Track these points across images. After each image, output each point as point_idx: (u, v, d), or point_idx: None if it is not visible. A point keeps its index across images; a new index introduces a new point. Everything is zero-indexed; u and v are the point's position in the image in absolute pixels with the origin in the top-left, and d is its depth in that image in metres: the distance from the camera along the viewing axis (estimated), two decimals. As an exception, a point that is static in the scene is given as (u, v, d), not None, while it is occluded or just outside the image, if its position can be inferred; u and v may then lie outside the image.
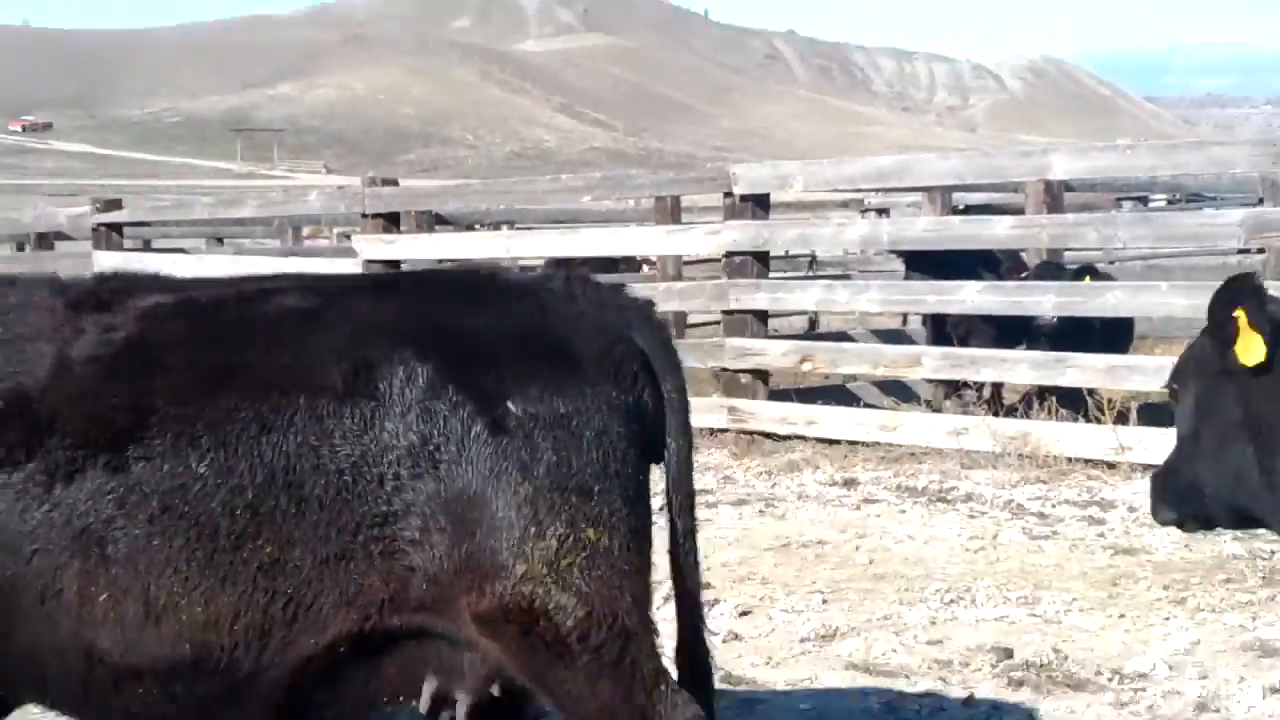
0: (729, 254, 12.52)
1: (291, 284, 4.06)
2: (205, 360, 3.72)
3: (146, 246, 18.05)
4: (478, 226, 19.98)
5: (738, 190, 12.43)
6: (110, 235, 16.19)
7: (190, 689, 3.69)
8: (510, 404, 3.60)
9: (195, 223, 22.26)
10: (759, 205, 12.48)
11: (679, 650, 3.94)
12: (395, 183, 16.37)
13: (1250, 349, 4.12)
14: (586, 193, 18.04)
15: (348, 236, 21.23)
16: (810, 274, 20.10)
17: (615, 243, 15.59)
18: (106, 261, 15.34)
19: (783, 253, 18.48)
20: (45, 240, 18.67)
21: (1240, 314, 4.13)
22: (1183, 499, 4.62)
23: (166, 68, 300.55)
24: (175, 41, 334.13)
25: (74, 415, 3.64)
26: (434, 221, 15.25)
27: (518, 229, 19.59)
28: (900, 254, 13.30)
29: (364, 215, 14.58)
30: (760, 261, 12.62)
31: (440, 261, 15.81)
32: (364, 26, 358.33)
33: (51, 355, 3.72)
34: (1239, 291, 4.21)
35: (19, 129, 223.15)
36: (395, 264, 14.08)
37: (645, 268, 20.43)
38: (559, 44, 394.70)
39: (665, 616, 3.93)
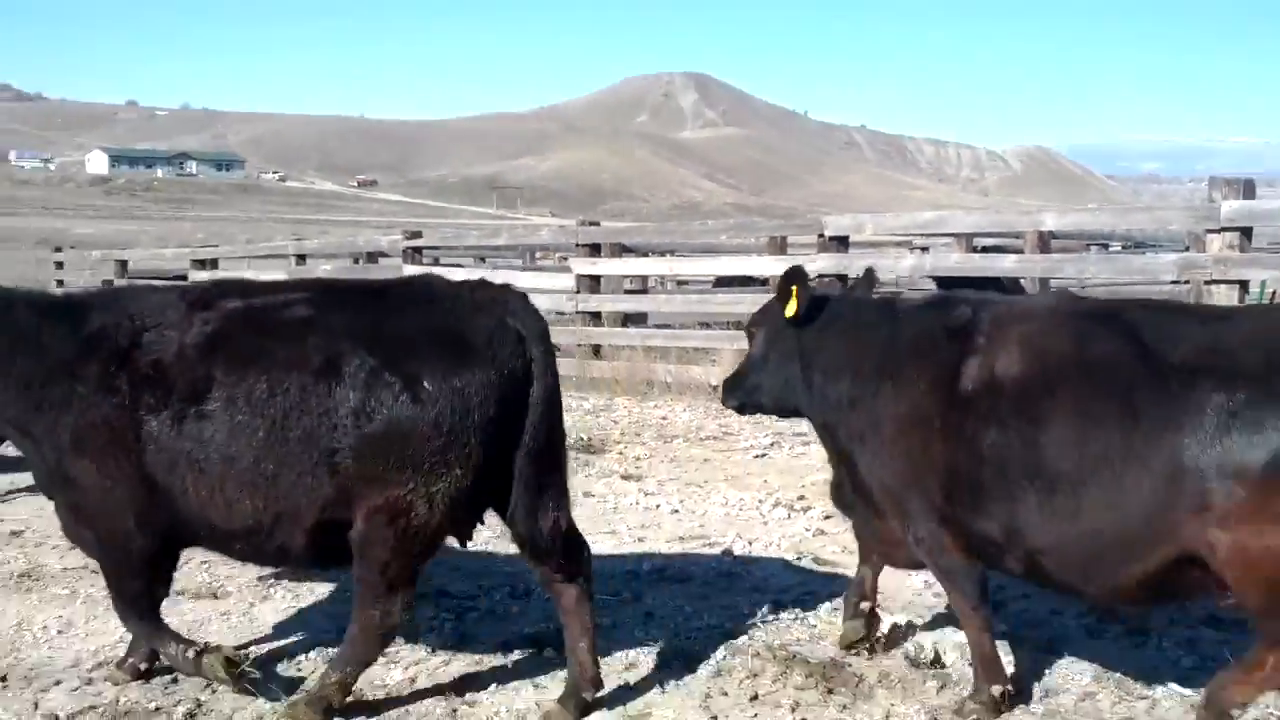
0: (819, 276, 12.76)
1: (303, 299, 4.24)
2: (246, 346, 4.08)
3: (435, 263, 18.61)
4: (650, 254, 20.48)
5: (827, 233, 12.62)
6: (413, 255, 16.74)
7: (245, 536, 4.16)
8: (425, 381, 3.94)
9: (468, 248, 23.11)
10: (841, 244, 12.55)
11: (531, 521, 4.16)
12: (597, 224, 16.90)
13: (790, 308, 4.68)
14: (724, 233, 18.81)
15: (565, 258, 22.08)
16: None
17: (743, 267, 15.85)
18: (410, 272, 16.18)
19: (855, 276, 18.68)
20: (372, 257, 19.30)
21: (794, 288, 4.68)
22: (747, 394, 5.05)
23: (449, 145, 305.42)
24: (454, 128, 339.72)
25: (183, 379, 4.05)
26: (622, 250, 15.64)
27: (677, 256, 20.14)
28: (936, 279, 13.65)
29: (577, 244, 14.94)
30: (841, 282, 12.86)
31: (626, 276, 16.48)
32: (578, 120, 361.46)
33: (176, 340, 4.12)
34: (795, 274, 4.73)
35: (355, 184, 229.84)
36: (596, 279, 14.49)
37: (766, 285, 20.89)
38: (706, 133, 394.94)
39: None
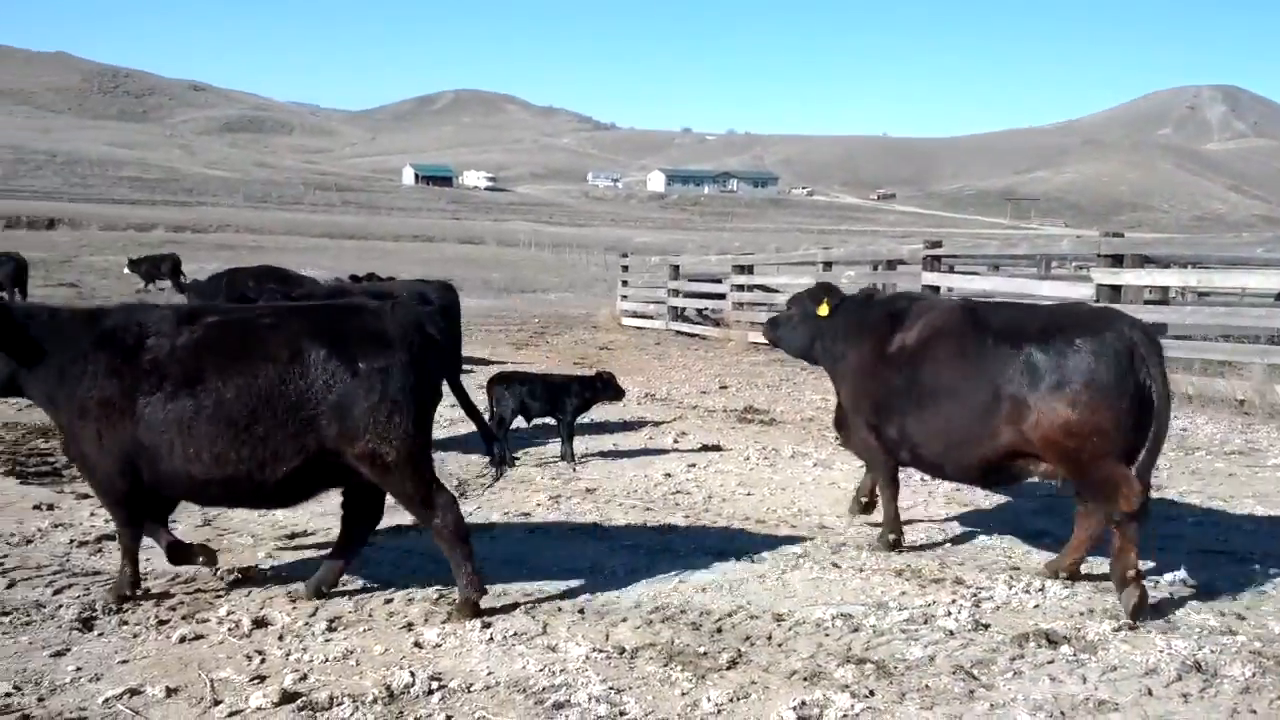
0: None
1: (268, 312, 5.28)
2: (229, 347, 5.00)
3: (951, 270, 18.28)
4: (1172, 265, 18.92)
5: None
6: (932, 262, 16.62)
7: (238, 486, 5.00)
8: (360, 364, 4.91)
9: (985, 256, 22.56)
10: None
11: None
12: (1121, 235, 15.90)
13: (823, 309, 6.80)
14: (1259, 246, 16.80)
15: (1080, 268, 20.84)
16: None
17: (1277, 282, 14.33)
18: (930, 279, 16.04)
19: None
20: (891, 265, 19.39)
21: (826, 298, 6.84)
22: (779, 337, 7.32)
23: (965, 159, 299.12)
24: (971, 143, 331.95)
25: (175, 371, 4.94)
26: (1144, 261, 14.67)
27: (1198, 268, 18.43)
28: None
29: (1098, 255, 14.19)
30: None
31: (1145, 287, 15.30)
32: (1097, 134, 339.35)
33: (169, 344, 5.02)
34: (827, 288, 6.98)
35: (875, 197, 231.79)
36: (1116, 289, 13.62)
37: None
38: (1233, 145, 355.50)
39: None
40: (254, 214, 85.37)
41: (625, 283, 26.80)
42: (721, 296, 21.97)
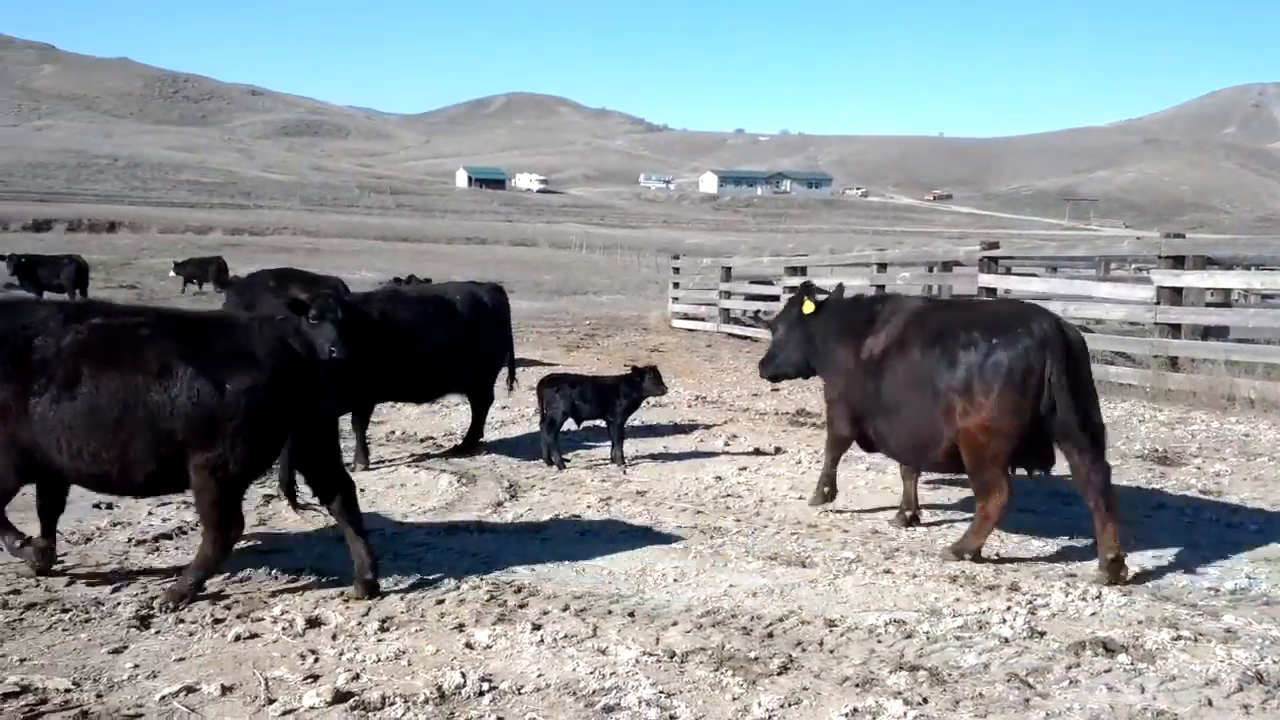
0: None
1: (152, 321, 5.39)
2: (106, 351, 5.19)
3: (1008, 272, 18.03)
4: (1236, 267, 18.56)
5: None
6: (989, 264, 16.40)
7: (109, 473, 5.21)
8: (228, 384, 5.10)
9: (1043, 258, 22.28)
10: None
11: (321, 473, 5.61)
12: (1183, 236, 15.60)
13: (808, 307, 7.32)
14: (1327, 246, 16.42)
15: (1141, 270, 20.53)
16: None
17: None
18: (986, 281, 15.85)
19: None
20: (947, 266, 19.20)
21: (805, 296, 7.38)
22: (776, 368, 7.76)
23: (1023, 159, 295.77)
24: (1028, 143, 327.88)
25: (60, 370, 5.15)
26: (1206, 262, 14.39)
27: (1262, 270, 18.07)
28: None
29: (1159, 256, 13.94)
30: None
31: (1208, 290, 15.00)
32: (1158, 134, 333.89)
33: (55, 343, 5.22)
34: (807, 287, 7.51)
35: (931, 198, 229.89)
36: (1177, 291, 13.39)
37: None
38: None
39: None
40: (310, 217, 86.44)
41: (677, 284, 26.78)
42: (774, 298, 21.89)
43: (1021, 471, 6.15)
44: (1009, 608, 5.35)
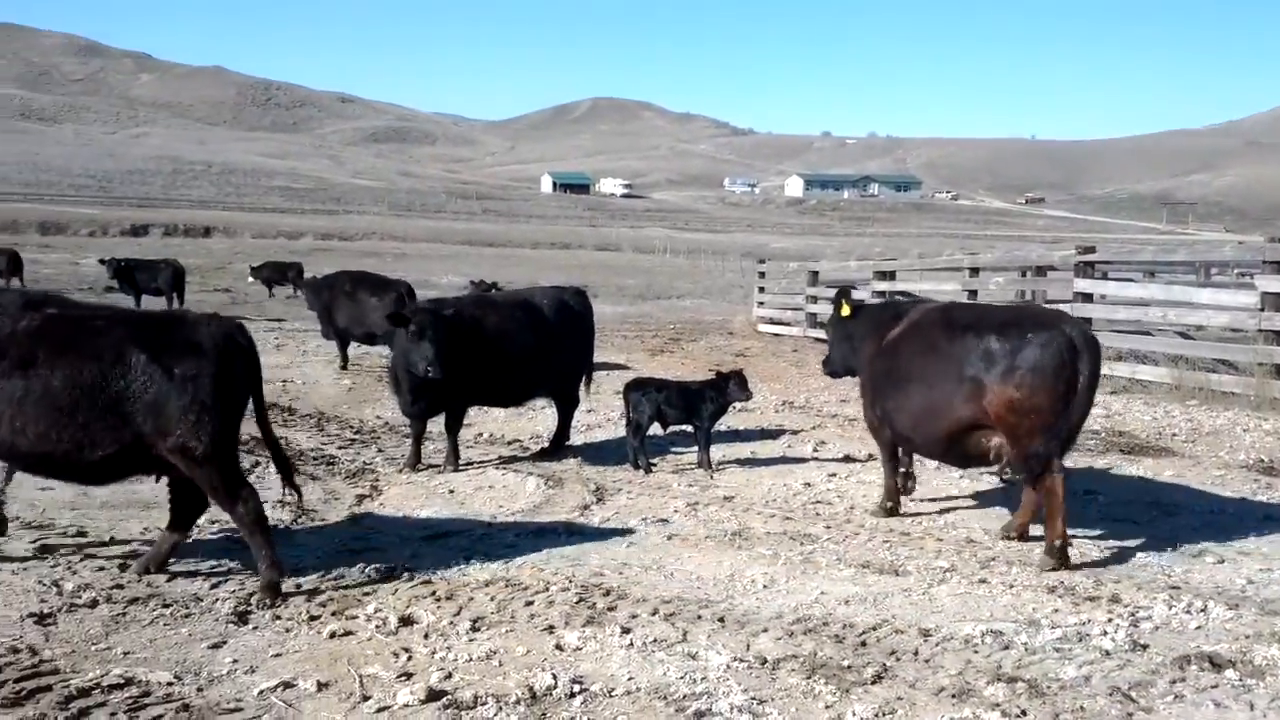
0: None
1: (105, 315, 5.75)
2: (61, 339, 5.41)
3: (1104, 277, 17.62)
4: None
5: None
6: (1085, 268, 16.05)
7: (64, 461, 5.42)
8: (176, 369, 5.36)
9: (1140, 262, 21.76)
10: None
11: (274, 458, 6.06)
12: (1290, 239, 15.11)
13: (845, 311, 7.93)
14: None
15: (1243, 275, 19.94)
16: None
17: None
18: (1081, 286, 15.52)
19: None
20: (1040, 271, 18.88)
21: (844, 301, 8.01)
22: (833, 366, 8.25)
23: (1118, 162, 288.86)
24: (1123, 146, 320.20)
25: (15, 353, 5.35)
26: (1317, 265, 13.86)
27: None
28: None
29: (1264, 261, 13.55)
30: None
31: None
32: (1259, 134, 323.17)
33: (10, 326, 5.46)
34: (843, 292, 8.12)
35: (1023, 201, 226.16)
36: (1284, 294, 12.99)
37: None
38: None
39: None
40: (398, 222, 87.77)
41: (762, 289, 26.66)
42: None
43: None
44: (1110, 619, 5.23)
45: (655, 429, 9.12)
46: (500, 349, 9.00)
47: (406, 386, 8.73)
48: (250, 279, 31.01)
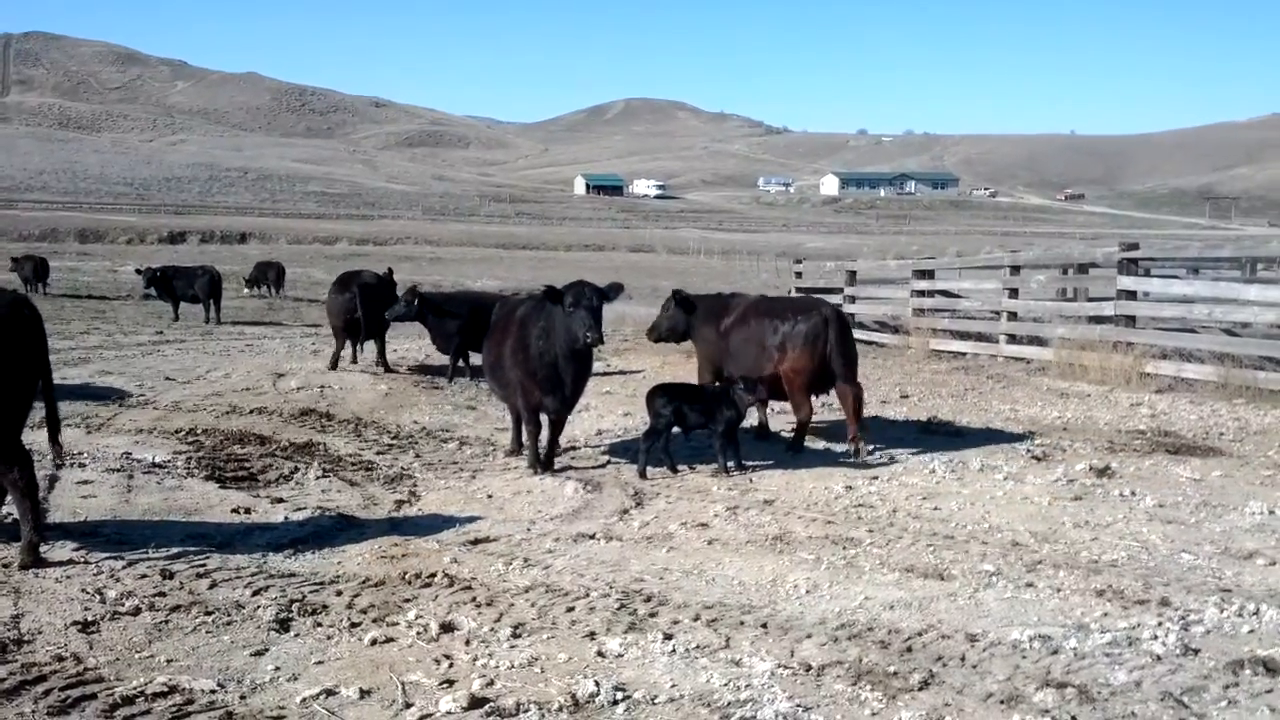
0: None
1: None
2: None
3: (1147, 273, 17.39)
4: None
5: None
6: (1128, 265, 15.89)
7: None
8: None
9: (1185, 259, 21.49)
10: None
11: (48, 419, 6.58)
12: (1339, 233, 14.90)
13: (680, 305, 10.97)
14: None
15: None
16: None
17: None
18: (1125, 283, 15.35)
19: None
20: (1083, 268, 18.72)
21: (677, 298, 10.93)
22: (659, 333, 11.23)
23: (1159, 157, 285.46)
24: (1163, 140, 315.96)
25: None
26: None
27: None
28: None
29: (1315, 255, 13.46)
30: None
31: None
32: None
33: None
34: (677, 294, 10.98)
35: (1062, 197, 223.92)
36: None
37: None
38: None
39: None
40: (432, 226, 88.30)
41: (799, 290, 26.55)
42: (900, 302, 21.54)
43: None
44: (1160, 623, 5.15)
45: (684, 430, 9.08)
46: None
47: (570, 376, 8.71)
48: (246, 290, 31.96)
